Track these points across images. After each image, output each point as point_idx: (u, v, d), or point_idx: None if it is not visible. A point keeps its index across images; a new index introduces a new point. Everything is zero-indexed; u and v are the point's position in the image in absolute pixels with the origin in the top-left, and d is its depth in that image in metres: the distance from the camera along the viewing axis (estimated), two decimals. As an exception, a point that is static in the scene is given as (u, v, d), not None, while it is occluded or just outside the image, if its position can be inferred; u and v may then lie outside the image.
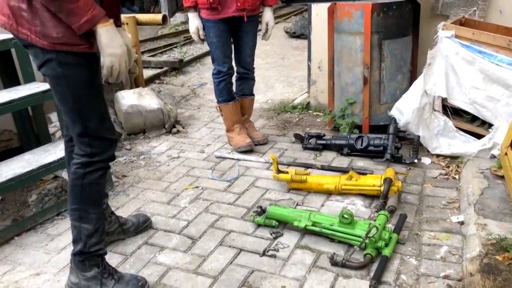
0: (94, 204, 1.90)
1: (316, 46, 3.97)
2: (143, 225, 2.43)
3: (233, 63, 3.30)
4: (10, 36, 2.85)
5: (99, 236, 1.93)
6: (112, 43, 1.63)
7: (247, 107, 3.51)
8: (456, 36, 2.90)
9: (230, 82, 3.30)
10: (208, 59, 6.35)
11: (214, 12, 3.01)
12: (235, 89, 3.41)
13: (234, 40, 3.23)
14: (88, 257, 1.92)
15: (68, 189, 1.91)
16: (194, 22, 3.12)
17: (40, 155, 2.63)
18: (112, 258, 2.21)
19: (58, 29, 1.62)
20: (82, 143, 1.82)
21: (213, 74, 3.28)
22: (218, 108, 3.44)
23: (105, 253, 1.99)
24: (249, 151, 3.30)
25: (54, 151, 2.67)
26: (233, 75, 3.32)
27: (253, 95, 3.50)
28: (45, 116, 3.12)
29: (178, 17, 10.18)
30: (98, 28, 1.60)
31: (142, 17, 4.83)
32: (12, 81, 2.97)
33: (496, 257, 1.93)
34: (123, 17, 4.80)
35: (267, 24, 3.19)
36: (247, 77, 3.37)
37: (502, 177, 2.57)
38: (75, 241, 1.92)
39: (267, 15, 3.18)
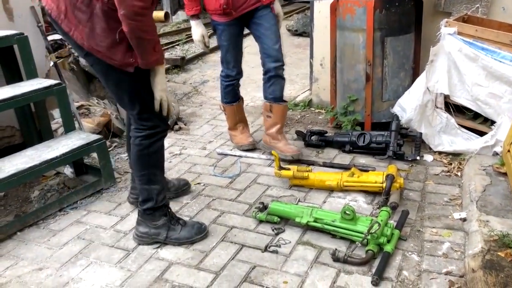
0: (159, 167, 2.24)
1: (318, 43, 3.97)
2: (183, 187, 2.75)
3: (243, 66, 3.22)
4: (12, 32, 2.86)
5: (165, 191, 2.28)
6: (163, 80, 2.06)
7: (279, 116, 3.12)
8: (459, 33, 2.89)
9: (237, 85, 3.25)
10: (210, 57, 6.35)
11: (228, 16, 2.89)
12: (263, 92, 3.14)
13: (254, 34, 3.03)
14: (158, 209, 2.24)
15: (133, 160, 2.21)
16: (198, 30, 3.01)
17: (42, 151, 2.64)
18: (114, 254, 2.22)
19: (104, 41, 1.88)
20: (143, 119, 2.10)
21: (221, 76, 3.23)
22: (221, 107, 3.43)
23: (169, 203, 2.34)
24: (251, 149, 3.29)
25: (57, 147, 2.68)
26: (241, 79, 3.25)
27: (286, 101, 3.17)
28: (47, 113, 3.12)
29: (181, 15, 10.16)
30: (157, 68, 2.01)
31: (144, 14, 4.82)
32: (14, 77, 2.98)
33: (498, 253, 1.93)
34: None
35: (277, 15, 3.03)
36: (277, 75, 3.00)
37: (504, 174, 2.56)
38: (145, 201, 2.22)
39: (277, 6, 3.02)
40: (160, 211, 2.25)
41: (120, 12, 1.79)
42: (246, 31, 3.09)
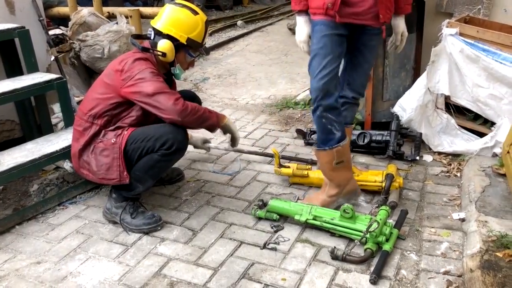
0: (155, 179, 2.43)
1: (319, 42, 3.96)
2: (176, 177, 2.84)
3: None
4: (14, 25, 2.86)
5: (141, 193, 2.48)
6: (234, 127, 2.56)
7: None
8: (461, 34, 2.89)
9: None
10: (211, 54, 6.36)
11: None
12: None
13: (349, 56, 2.45)
14: (126, 198, 2.38)
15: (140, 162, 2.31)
16: (305, 29, 2.36)
17: (42, 145, 2.63)
18: (113, 248, 2.22)
19: None
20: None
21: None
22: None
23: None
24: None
25: (57, 141, 2.67)
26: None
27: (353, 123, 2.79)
28: (47, 107, 3.12)
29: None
30: (226, 122, 2.48)
31: (146, 10, 4.84)
32: (15, 71, 2.98)
33: (497, 253, 1.94)
34: (127, 10, 4.81)
35: (401, 35, 2.47)
36: (354, 103, 2.59)
37: (503, 175, 2.57)
38: (124, 187, 2.34)
39: (402, 24, 2.45)
40: (126, 198, 2.38)
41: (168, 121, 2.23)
42: (250, 28, 3.04)
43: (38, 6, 3.28)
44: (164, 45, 2.32)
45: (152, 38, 2.38)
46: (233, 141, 2.60)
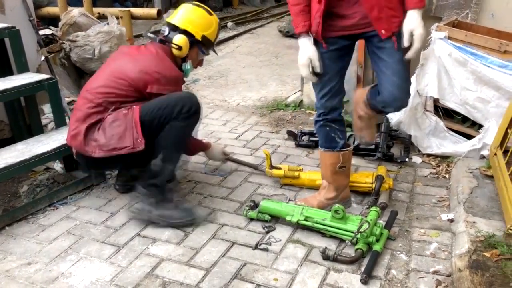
0: (181, 151, 2.49)
1: (310, 44, 3.99)
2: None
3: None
4: (4, 25, 2.84)
5: (172, 174, 2.56)
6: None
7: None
8: (449, 38, 2.94)
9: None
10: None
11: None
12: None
13: (372, 61, 2.31)
14: (159, 187, 2.37)
15: (162, 135, 2.31)
16: (304, 51, 2.17)
17: (33, 146, 2.62)
18: (104, 249, 2.21)
19: None
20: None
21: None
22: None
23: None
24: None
25: (47, 142, 2.66)
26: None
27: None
28: (37, 107, 3.10)
29: (171, 13, 10.15)
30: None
31: (136, 11, 4.82)
32: (5, 71, 2.95)
33: (484, 253, 1.97)
34: (118, 10, 4.79)
35: (411, 33, 2.01)
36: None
37: (491, 177, 2.61)
38: (154, 176, 2.34)
39: (412, 21, 2.00)
40: (160, 189, 2.37)
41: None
42: (240, 30, 3.06)
43: (28, 6, 3.26)
44: (180, 39, 2.43)
45: (166, 33, 2.47)
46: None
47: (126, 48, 2.57)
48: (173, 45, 2.43)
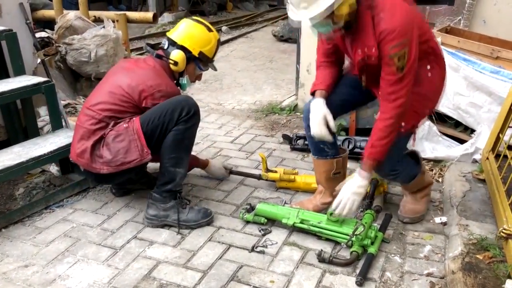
0: (188, 152, 2.46)
1: (305, 49, 4.03)
2: None
3: None
4: (1, 28, 2.84)
5: (184, 177, 2.47)
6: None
7: None
8: (442, 44, 2.98)
9: None
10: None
11: None
12: None
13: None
14: (173, 193, 2.41)
15: (166, 142, 2.33)
16: (319, 111, 2.21)
17: (29, 148, 2.62)
18: (101, 252, 2.22)
19: None
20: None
21: None
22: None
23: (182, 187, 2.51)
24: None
25: (44, 145, 2.66)
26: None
27: None
28: (34, 110, 3.10)
29: (166, 17, 10.17)
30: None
31: (132, 15, 4.84)
32: (1, 74, 2.95)
33: (477, 256, 2.01)
34: (113, 14, 4.81)
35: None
36: None
37: (483, 181, 2.66)
38: (167, 182, 2.38)
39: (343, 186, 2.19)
40: (174, 194, 2.41)
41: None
42: (234, 34, 3.09)
43: (25, 9, 3.26)
44: (177, 55, 2.45)
45: (166, 47, 2.49)
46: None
47: (125, 62, 2.57)
48: (170, 60, 2.45)
